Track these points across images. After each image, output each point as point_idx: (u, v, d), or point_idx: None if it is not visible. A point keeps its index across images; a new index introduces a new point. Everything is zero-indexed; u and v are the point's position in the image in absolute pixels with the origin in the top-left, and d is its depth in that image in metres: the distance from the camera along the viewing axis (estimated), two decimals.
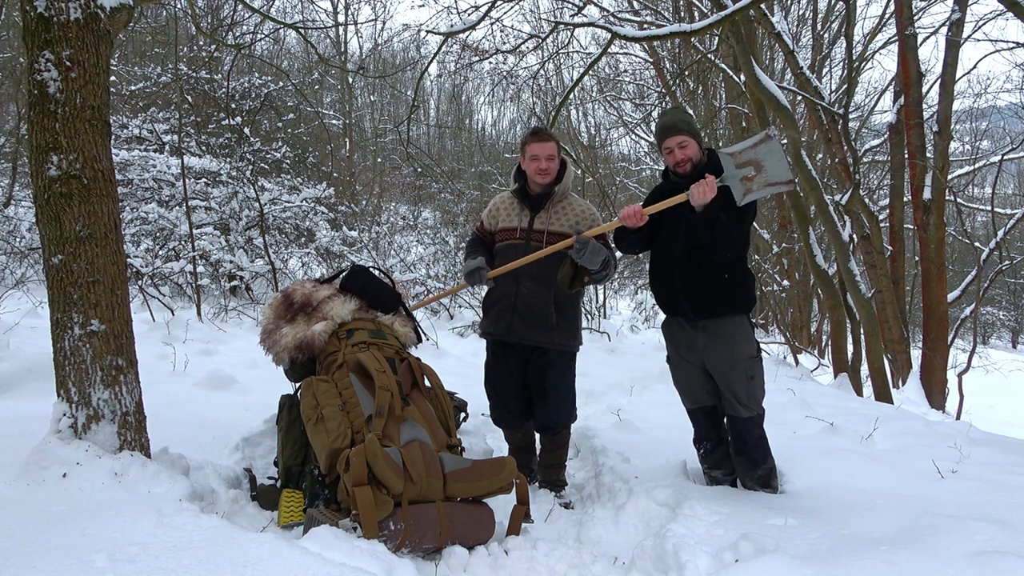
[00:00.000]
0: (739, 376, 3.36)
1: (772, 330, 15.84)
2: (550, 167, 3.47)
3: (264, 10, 8.31)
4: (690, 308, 3.37)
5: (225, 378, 5.22)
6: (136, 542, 2.22)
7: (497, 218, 3.66)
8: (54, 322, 2.79)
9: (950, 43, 9.55)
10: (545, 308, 3.52)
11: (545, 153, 3.44)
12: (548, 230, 3.49)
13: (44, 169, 2.72)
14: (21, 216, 10.04)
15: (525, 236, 3.52)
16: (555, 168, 3.50)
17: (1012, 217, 10.42)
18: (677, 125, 3.31)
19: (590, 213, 3.57)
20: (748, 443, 3.45)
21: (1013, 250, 17.81)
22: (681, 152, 3.30)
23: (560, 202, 3.55)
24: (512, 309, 3.53)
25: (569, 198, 3.59)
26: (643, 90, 17.36)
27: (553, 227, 3.49)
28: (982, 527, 2.63)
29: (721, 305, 3.34)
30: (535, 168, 3.46)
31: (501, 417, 3.80)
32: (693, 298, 3.34)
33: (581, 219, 3.52)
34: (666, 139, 3.32)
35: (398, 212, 18.82)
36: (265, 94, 12.91)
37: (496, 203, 3.70)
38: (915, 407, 7.98)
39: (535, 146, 3.45)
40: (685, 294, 3.35)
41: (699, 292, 3.33)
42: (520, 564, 2.60)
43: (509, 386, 3.69)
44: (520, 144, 3.53)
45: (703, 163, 3.35)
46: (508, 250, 3.56)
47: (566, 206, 3.55)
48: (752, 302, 3.45)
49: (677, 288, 3.37)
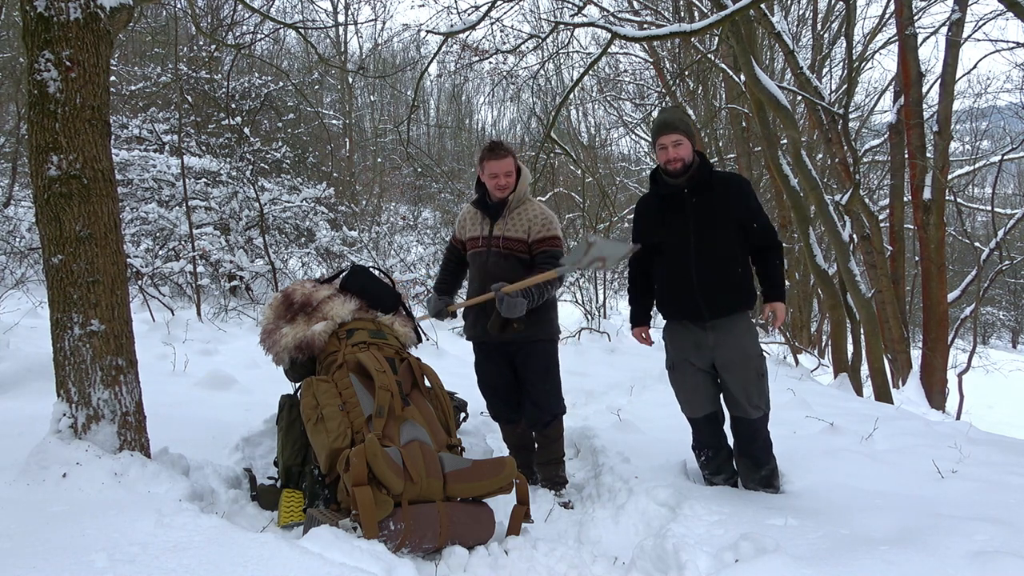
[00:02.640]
0: (751, 373, 3.38)
1: (772, 330, 15.83)
2: (508, 182, 3.59)
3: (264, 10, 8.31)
4: (707, 308, 3.37)
5: (225, 378, 5.22)
6: (136, 542, 2.22)
7: (465, 228, 3.82)
8: (54, 322, 2.79)
9: (950, 43, 9.55)
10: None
11: (503, 170, 3.56)
12: (504, 235, 3.63)
13: (44, 169, 2.72)
14: (21, 216, 10.03)
15: (487, 243, 3.67)
16: (513, 181, 3.62)
17: (1012, 217, 10.43)
18: (674, 123, 3.35)
19: (542, 218, 3.63)
20: (755, 444, 3.46)
21: (1013, 250, 17.82)
22: (675, 151, 3.33)
23: (516, 209, 3.66)
24: (484, 313, 3.65)
25: (525, 203, 3.68)
26: (643, 90, 17.37)
27: (509, 232, 3.63)
28: (982, 527, 2.63)
29: (734, 301, 3.38)
30: (494, 184, 3.61)
31: (498, 412, 3.86)
32: (710, 297, 3.36)
33: (532, 224, 3.62)
34: (661, 136, 3.35)
35: (398, 212, 18.82)
36: (265, 94, 12.90)
37: (463, 215, 3.87)
38: (915, 407, 7.98)
39: (493, 164, 3.57)
40: (702, 294, 3.36)
41: (716, 291, 3.36)
42: (520, 564, 2.60)
43: (501, 381, 3.77)
44: (478, 160, 3.65)
45: (695, 165, 3.37)
46: (474, 258, 3.75)
47: (521, 212, 3.65)
48: (755, 297, 3.52)
49: (693, 289, 3.37)
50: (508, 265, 3.59)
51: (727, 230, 3.35)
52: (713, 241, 3.34)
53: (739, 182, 3.48)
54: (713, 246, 3.34)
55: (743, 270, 3.40)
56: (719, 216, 3.34)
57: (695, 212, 3.36)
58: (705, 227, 3.35)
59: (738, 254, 3.38)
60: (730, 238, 3.36)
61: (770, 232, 3.44)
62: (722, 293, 3.36)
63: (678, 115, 3.45)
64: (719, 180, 3.41)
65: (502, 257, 3.61)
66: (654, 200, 3.50)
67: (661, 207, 3.45)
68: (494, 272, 3.59)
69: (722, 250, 3.35)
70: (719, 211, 3.34)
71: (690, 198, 3.37)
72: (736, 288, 3.38)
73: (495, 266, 3.61)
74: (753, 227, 3.37)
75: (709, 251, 3.35)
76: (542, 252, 3.59)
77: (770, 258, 3.45)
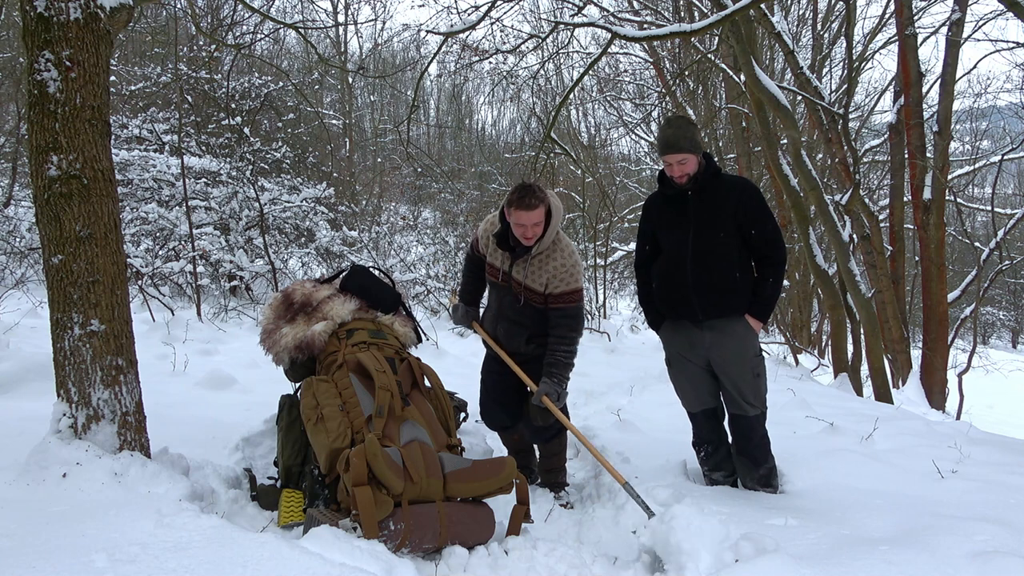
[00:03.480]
0: (746, 373, 3.38)
1: (772, 330, 15.83)
2: (536, 232, 3.34)
3: (264, 10, 8.30)
4: (700, 308, 3.37)
5: (225, 378, 5.22)
6: (136, 542, 2.22)
7: (487, 248, 3.63)
8: (54, 322, 2.79)
9: (950, 43, 9.55)
10: (519, 345, 3.61)
11: (531, 221, 3.29)
12: (525, 284, 3.48)
13: (44, 169, 2.72)
14: (21, 216, 10.03)
15: (507, 280, 3.56)
16: (540, 231, 3.36)
17: (1012, 217, 10.42)
18: (679, 144, 3.29)
19: (563, 271, 3.43)
20: (752, 442, 3.46)
21: (1013, 250, 17.82)
22: (679, 168, 3.33)
23: (537, 256, 3.44)
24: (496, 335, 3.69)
25: (550, 249, 3.45)
26: (643, 90, 17.35)
27: (528, 282, 3.47)
28: (982, 527, 2.64)
29: (729, 303, 3.36)
30: (520, 233, 3.36)
31: (494, 418, 3.74)
32: (704, 297, 3.35)
33: (552, 278, 3.42)
34: (666, 155, 3.34)
35: (398, 212, 18.80)
36: (265, 94, 12.89)
37: (487, 230, 3.63)
38: (915, 407, 7.97)
39: (521, 214, 3.27)
40: (697, 294, 3.36)
41: (710, 292, 3.35)
42: (520, 564, 2.60)
43: (502, 386, 3.68)
44: (506, 202, 3.35)
45: (701, 170, 3.37)
46: (493, 288, 3.70)
47: (543, 260, 3.44)
48: None
49: (688, 289, 3.37)
50: (522, 310, 3.53)
51: (726, 233, 3.34)
52: (711, 242, 3.34)
53: (745, 187, 3.44)
54: (711, 247, 3.34)
55: (741, 274, 3.36)
56: (719, 218, 3.34)
57: (696, 212, 3.37)
58: (704, 227, 3.35)
59: (736, 257, 3.35)
60: (729, 241, 3.34)
61: (771, 244, 3.37)
62: (717, 294, 3.35)
63: (681, 131, 3.33)
64: (726, 183, 3.40)
65: (516, 299, 3.52)
66: (659, 199, 3.53)
67: (666, 206, 3.48)
68: (508, 314, 3.58)
69: (720, 251, 3.34)
70: (720, 213, 3.34)
71: (693, 198, 3.38)
72: (731, 291, 3.35)
73: (510, 308, 3.57)
74: (751, 233, 3.34)
75: (706, 252, 3.34)
76: (558, 310, 3.44)
77: (765, 271, 3.40)
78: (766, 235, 3.36)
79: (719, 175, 3.40)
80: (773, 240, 3.38)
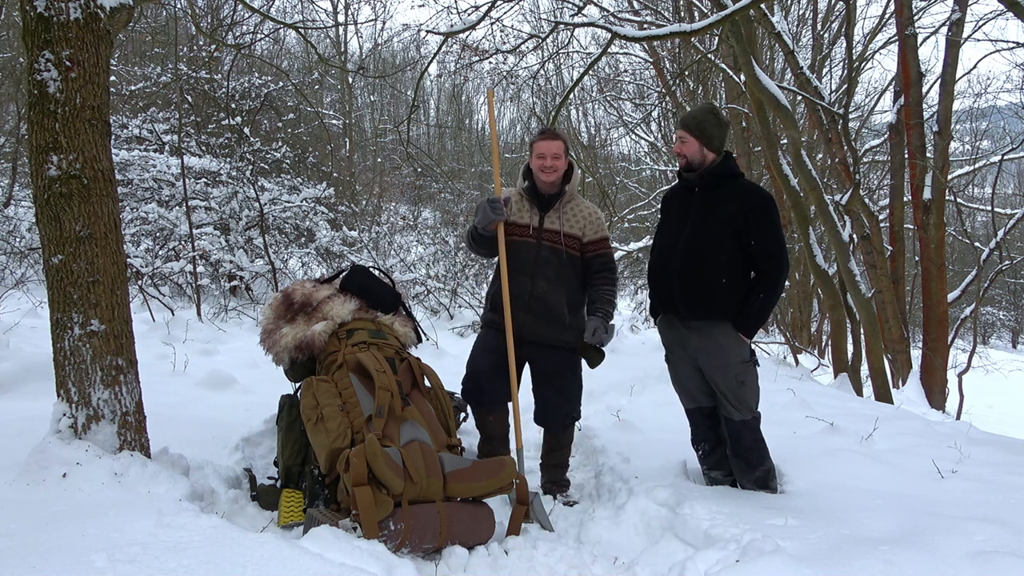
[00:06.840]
0: (730, 380, 3.35)
1: (772, 330, 15.83)
2: (556, 165, 3.50)
3: (264, 10, 8.30)
4: (683, 307, 3.36)
5: (225, 378, 5.22)
6: (136, 542, 2.22)
7: (509, 209, 3.59)
8: (54, 322, 2.79)
9: (950, 43, 9.55)
10: (559, 306, 3.54)
11: (551, 151, 3.48)
12: (564, 231, 3.54)
13: (44, 169, 2.72)
14: (21, 216, 10.04)
15: (537, 235, 3.54)
16: (561, 167, 3.53)
17: (1012, 217, 10.42)
18: (686, 121, 3.40)
19: (595, 217, 3.63)
20: (743, 445, 3.44)
21: (1013, 250, 17.82)
22: (679, 146, 3.40)
23: (569, 203, 3.60)
24: (526, 308, 3.53)
25: (576, 199, 3.66)
26: (643, 90, 17.35)
27: (566, 228, 3.56)
28: (982, 527, 2.64)
29: (711, 307, 3.32)
30: (539, 166, 3.51)
31: (483, 393, 3.61)
32: (687, 297, 3.34)
33: (588, 223, 3.59)
34: (677, 130, 3.45)
35: (398, 212, 18.79)
36: (265, 94, 12.89)
37: (508, 194, 3.64)
38: (915, 407, 7.97)
39: (541, 144, 3.51)
40: (681, 291, 3.35)
41: (694, 292, 3.32)
42: (520, 564, 2.60)
43: (495, 364, 3.56)
44: (529, 144, 3.63)
45: (713, 164, 3.35)
46: (520, 246, 3.55)
47: (575, 207, 3.61)
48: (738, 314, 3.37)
49: (673, 285, 3.37)
50: (559, 261, 3.52)
51: (722, 236, 3.29)
52: (704, 241, 3.30)
53: (755, 195, 3.35)
54: (702, 247, 3.30)
55: (729, 281, 3.28)
56: (718, 220, 3.30)
57: (696, 209, 3.37)
58: (701, 225, 3.33)
59: (726, 262, 3.28)
60: (722, 244, 3.29)
61: (770, 259, 3.28)
62: (698, 294, 3.31)
63: (695, 112, 3.41)
64: (739, 187, 3.35)
65: (553, 252, 3.52)
66: (672, 191, 3.61)
67: (674, 198, 3.55)
68: (546, 272, 3.52)
69: (710, 252, 3.30)
70: (720, 215, 3.30)
71: (698, 195, 3.39)
72: (713, 294, 3.29)
73: (545, 262, 3.52)
74: (751, 244, 3.28)
75: (697, 250, 3.31)
76: (599, 256, 3.58)
77: (758, 286, 3.31)
78: (767, 248, 3.28)
79: (737, 178, 3.37)
80: (773, 255, 3.28)
